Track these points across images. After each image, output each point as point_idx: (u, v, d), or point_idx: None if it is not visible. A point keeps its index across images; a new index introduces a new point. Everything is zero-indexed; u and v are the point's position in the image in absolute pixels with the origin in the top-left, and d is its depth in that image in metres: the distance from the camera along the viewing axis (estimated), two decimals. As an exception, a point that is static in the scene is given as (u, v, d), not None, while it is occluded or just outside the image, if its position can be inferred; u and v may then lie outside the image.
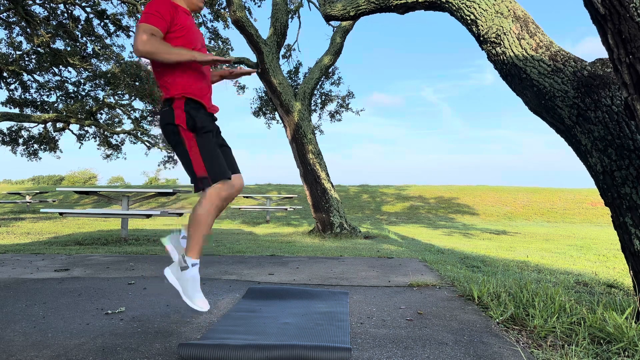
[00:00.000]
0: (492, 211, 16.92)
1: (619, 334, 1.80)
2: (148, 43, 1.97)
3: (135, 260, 4.11)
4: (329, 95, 14.27)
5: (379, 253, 4.93)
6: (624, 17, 1.67)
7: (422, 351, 1.75)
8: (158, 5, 2.08)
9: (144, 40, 1.96)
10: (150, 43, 1.97)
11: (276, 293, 2.66)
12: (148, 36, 1.98)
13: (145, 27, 2.00)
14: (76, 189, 6.54)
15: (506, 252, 5.85)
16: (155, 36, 2.02)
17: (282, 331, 1.94)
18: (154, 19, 2.03)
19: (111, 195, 6.55)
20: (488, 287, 2.65)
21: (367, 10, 3.68)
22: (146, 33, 1.98)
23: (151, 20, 2.02)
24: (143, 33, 1.98)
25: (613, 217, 2.28)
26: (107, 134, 16.68)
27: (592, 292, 2.95)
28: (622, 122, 2.24)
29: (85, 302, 2.49)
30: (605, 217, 14.98)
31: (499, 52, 2.83)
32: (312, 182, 7.70)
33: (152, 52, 1.98)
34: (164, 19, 2.06)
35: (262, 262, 4.10)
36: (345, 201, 17.58)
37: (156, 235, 7.19)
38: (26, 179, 46.39)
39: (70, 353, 1.68)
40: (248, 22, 7.63)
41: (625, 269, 4.29)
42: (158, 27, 2.03)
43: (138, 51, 1.97)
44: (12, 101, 14.55)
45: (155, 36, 2.01)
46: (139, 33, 1.98)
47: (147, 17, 2.03)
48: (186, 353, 1.62)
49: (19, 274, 3.36)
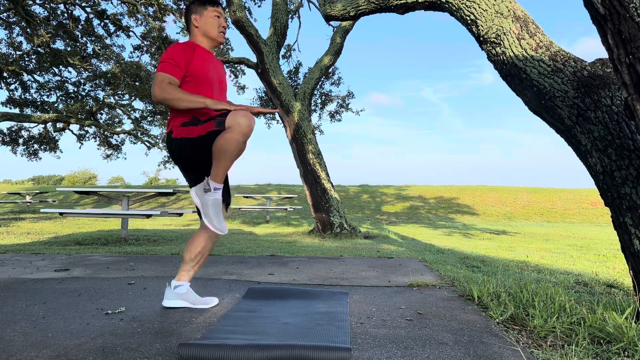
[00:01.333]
0: (492, 211, 16.92)
1: (619, 334, 1.80)
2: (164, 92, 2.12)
3: (135, 260, 4.11)
4: (329, 95, 14.28)
5: (379, 253, 4.93)
6: (624, 17, 1.67)
7: (422, 351, 1.75)
8: (173, 52, 2.22)
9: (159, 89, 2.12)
10: (165, 91, 2.12)
11: (276, 293, 2.67)
12: (165, 85, 2.14)
13: (161, 76, 2.16)
14: (76, 189, 6.54)
15: (506, 252, 5.85)
16: (172, 84, 2.16)
17: (282, 331, 1.94)
18: (170, 67, 2.18)
19: (111, 195, 6.55)
20: (488, 287, 2.65)
21: (367, 11, 3.68)
22: (163, 82, 2.14)
23: (167, 69, 2.18)
24: (160, 82, 2.14)
25: (613, 217, 2.28)
26: (107, 134, 16.69)
27: (592, 292, 2.95)
28: (622, 122, 2.24)
29: (85, 302, 2.49)
30: (605, 217, 14.99)
31: (499, 52, 2.83)
32: (312, 182, 7.70)
33: (168, 100, 2.14)
34: (179, 66, 2.20)
35: (262, 262, 4.10)
36: (345, 201, 17.58)
37: (156, 235, 7.20)
38: (26, 179, 46.41)
39: (70, 353, 1.68)
40: (248, 22, 7.63)
41: (625, 269, 4.29)
42: (174, 75, 2.19)
43: (155, 98, 2.15)
44: (12, 101, 14.55)
45: (171, 84, 2.16)
46: (156, 82, 2.15)
47: (164, 66, 2.19)
48: (186, 353, 1.62)
49: (19, 274, 3.36)
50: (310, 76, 8.62)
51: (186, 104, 2.13)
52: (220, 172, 2.18)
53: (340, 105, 14.40)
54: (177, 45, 2.25)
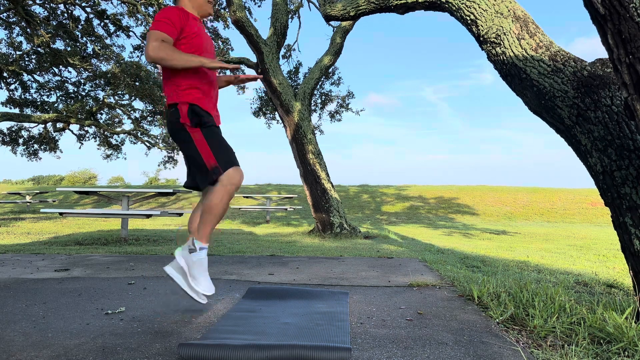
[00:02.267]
0: (492, 211, 16.92)
1: (619, 334, 1.80)
2: (159, 49, 2.03)
3: (135, 260, 4.11)
4: (329, 95, 14.28)
5: (379, 253, 4.93)
6: (624, 17, 1.67)
7: (422, 351, 1.75)
8: (169, 12, 2.15)
9: (155, 47, 2.03)
10: (161, 49, 2.03)
11: (276, 293, 2.66)
12: (159, 43, 2.04)
13: (156, 34, 2.06)
14: (76, 189, 6.54)
15: (506, 252, 5.85)
16: (166, 42, 2.07)
17: (282, 331, 1.94)
18: (164, 26, 2.09)
19: (111, 195, 6.55)
20: (488, 287, 2.65)
21: (367, 11, 3.68)
22: (157, 40, 2.04)
23: (162, 27, 2.08)
24: (154, 40, 2.04)
25: (613, 217, 2.28)
26: (107, 134, 16.69)
27: (592, 292, 2.95)
28: (622, 122, 2.24)
29: (85, 302, 2.49)
30: (605, 217, 14.98)
31: (499, 52, 2.83)
32: (312, 182, 7.70)
33: (162, 58, 2.04)
34: (174, 26, 2.12)
35: (262, 262, 4.10)
36: (345, 201, 17.58)
37: (156, 235, 7.20)
38: (26, 179, 46.41)
39: (70, 353, 1.68)
40: (248, 22, 7.63)
41: (625, 269, 4.29)
42: (168, 33, 2.10)
43: (149, 57, 2.04)
44: (12, 101, 14.55)
45: (165, 42, 2.07)
46: (150, 40, 2.04)
47: (158, 24, 2.09)
48: (186, 353, 1.62)
49: (19, 274, 3.36)
50: (310, 76, 8.62)
51: (182, 62, 2.07)
52: (207, 232, 2.15)
53: (340, 105, 14.41)
54: (172, 7, 2.19)
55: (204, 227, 2.15)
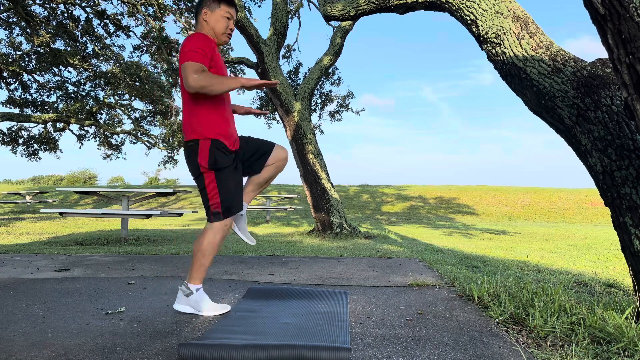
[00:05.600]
0: (492, 211, 16.92)
1: (619, 334, 1.80)
2: (201, 78, 2.07)
3: (135, 260, 4.11)
4: (329, 95, 14.28)
5: (379, 253, 4.93)
6: (624, 17, 1.67)
7: (422, 351, 1.75)
8: (200, 43, 2.18)
9: (195, 78, 2.07)
10: (202, 78, 2.08)
11: (276, 293, 2.67)
12: (199, 73, 2.09)
13: (194, 65, 2.10)
14: (76, 189, 6.54)
15: (506, 252, 5.85)
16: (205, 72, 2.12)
17: (282, 331, 1.94)
18: (198, 56, 2.13)
19: (111, 195, 6.55)
20: (488, 287, 2.65)
21: (367, 11, 3.68)
22: (197, 71, 2.09)
23: (197, 58, 2.13)
24: (193, 72, 2.08)
25: (613, 217, 2.28)
26: (107, 134, 16.69)
27: (592, 292, 2.95)
28: (622, 122, 2.24)
29: (85, 302, 2.49)
30: (605, 217, 14.98)
31: (499, 52, 2.83)
32: (312, 182, 7.70)
33: (205, 86, 2.09)
34: (207, 55, 2.17)
35: (262, 262, 4.10)
36: (345, 201, 17.58)
37: (156, 235, 7.20)
38: (26, 179, 46.38)
39: (70, 353, 1.68)
40: (248, 22, 7.63)
41: (625, 269, 4.29)
42: (204, 64, 2.15)
43: (192, 88, 2.08)
44: (12, 101, 14.55)
45: (205, 72, 2.12)
46: (189, 71, 2.08)
47: (192, 54, 2.13)
48: (186, 353, 1.62)
49: (19, 274, 3.36)
50: (310, 76, 8.62)
51: (225, 87, 2.12)
52: (199, 273, 2.26)
53: (340, 105, 14.41)
54: (201, 36, 2.22)
55: (196, 271, 2.26)
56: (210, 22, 2.34)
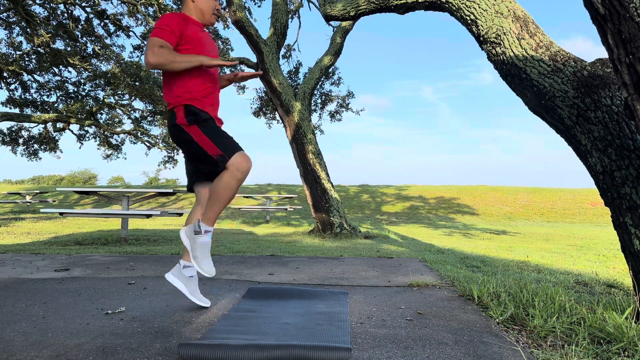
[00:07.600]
0: (492, 211, 16.92)
1: (619, 334, 1.80)
2: (158, 55, 2.07)
3: (135, 260, 4.11)
4: (329, 95, 14.28)
5: (379, 253, 4.93)
6: (624, 17, 1.67)
7: (422, 351, 1.75)
8: (167, 19, 2.19)
9: (153, 53, 2.07)
10: (159, 54, 2.07)
11: (276, 293, 2.67)
12: (157, 48, 2.08)
13: (154, 40, 2.11)
14: (76, 189, 6.54)
15: (506, 252, 5.85)
16: (165, 48, 2.11)
17: (282, 331, 1.94)
18: (162, 32, 2.14)
19: (111, 195, 6.55)
20: (488, 287, 2.65)
21: (367, 11, 3.68)
22: (155, 46, 2.09)
23: (160, 34, 2.13)
24: (153, 46, 2.09)
25: (613, 217, 2.28)
26: (107, 134, 16.69)
27: (592, 292, 2.95)
28: (622, 122, 2.24)
29: (85, 302, 2.49)
30: (605, 217, 14.98)
31: (499, 52, 2.83)
32: (312, 182, 7.70)
33: (162, 63, 2.08)
34: (173, 32, 2.17)
35: (262, 262, 4.10)
36: (345, 201, 17.58)
37: (156, 235, 7.20)
38: (26, 179, 46.36)
39: (70, 353, 1.68)
40: (248, 22, 7.63)
41: (625, 269, 4.29)
42: (166, 40, 2.14)
43: (149, 63, 2.08)
44: (12, 101, 14.55)
45: (164, 48, 2.11)
46: (149, 46, 2.09)
47: (157, 31, 2.14)
48: (186, 353, 1.62)
49: (19, 274, 3.36)
50: (310, 76, 8.62)
51: (182, 64, 2.11)
52: (213, 215, 2.21)
53: (340, 105, 14.41)
54: (171, 14, 2.24)
55: (211, 211, 2.19)
56: (197, 2, 2.35)
